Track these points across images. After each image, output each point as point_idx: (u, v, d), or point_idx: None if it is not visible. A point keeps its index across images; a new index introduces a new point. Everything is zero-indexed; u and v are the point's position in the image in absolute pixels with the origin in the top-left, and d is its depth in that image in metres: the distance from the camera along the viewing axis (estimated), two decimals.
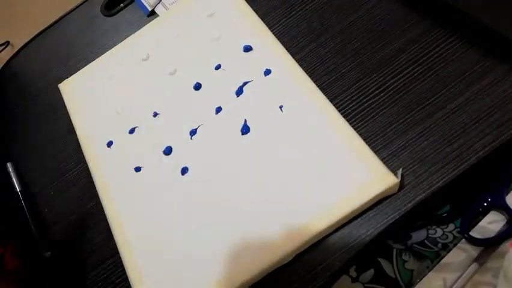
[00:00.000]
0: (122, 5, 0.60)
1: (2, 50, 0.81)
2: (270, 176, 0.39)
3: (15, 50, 0.66)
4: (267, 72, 0.44)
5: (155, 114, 0.48)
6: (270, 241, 0.37)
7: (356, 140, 0.38)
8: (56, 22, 0.64)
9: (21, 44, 0.66)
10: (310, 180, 0.38)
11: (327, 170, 0.38)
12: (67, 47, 0.61)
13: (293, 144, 0.40)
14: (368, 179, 0.36)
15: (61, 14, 0.65)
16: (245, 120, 0.43)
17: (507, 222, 0.37)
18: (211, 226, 0.40)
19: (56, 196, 0.50)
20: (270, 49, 0.45)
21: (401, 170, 0.36)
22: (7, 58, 0.66)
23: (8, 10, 0.90)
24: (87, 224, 0.46)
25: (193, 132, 0.45)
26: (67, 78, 0.56)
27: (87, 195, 0.48)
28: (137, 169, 0.46)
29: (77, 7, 0.64)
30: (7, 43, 0.82)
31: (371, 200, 0.36)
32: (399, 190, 0.36)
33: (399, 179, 0.35)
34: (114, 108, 0.50)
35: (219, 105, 0.45)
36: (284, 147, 0.40)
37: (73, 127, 0.52)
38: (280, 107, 0.42)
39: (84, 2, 0.64)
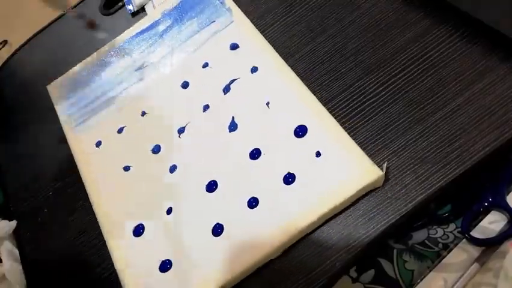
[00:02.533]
0: (120, 4, 0.59)
1: (0, 49, 0.81)
2: (257, 172, 0.40)
3: (14, 48, 0.66)
4: (254, 69, 0.44)
5: (143, 114, 0.48)
6: (257, 237, 0.37)
7: (341, 134, 0.38)
8: (54, 21, 0.64)
9: (20, 43, 0.65)
10: (297, 175, 0.38)
11: (313, 164, 0.38)
12: (65, 45, 0.60)
13: (279, 140, 0.40)
14: (353, 172, 0.36)
15: (60, 13, 0.64)
16: (232, 118, 0.43)
17: (508, 222, 0.37)
18: (200, 223, 0.40)
19: (55, 196, 0.49)
20: (257, 47, 0.46)
21: (386, 163, 0.36)
22: (5, 57, 0.66)
23: (6, 9, 0.89)
24: (81, 224, 0.46)
25: (181, 131, 0.45)
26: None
27: (82, 194, 0.47)
28: (126, 168, 0.46)
29: (75, 6, 0.64)
30: (5, 42, 0.81)
31: (356, 193, 0.36)
32: (400, 190, 0.36)
33: (384, 172, 0.35)
34: (102, 107, 0.51)
35: (206, 103, 0.45)
36: (271, 144, 0.40)
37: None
38: (267, 103, 0.42)
39: (82, 0, 0.63)
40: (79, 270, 0.44)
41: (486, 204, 0.38)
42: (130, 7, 0.57)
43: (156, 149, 0.45)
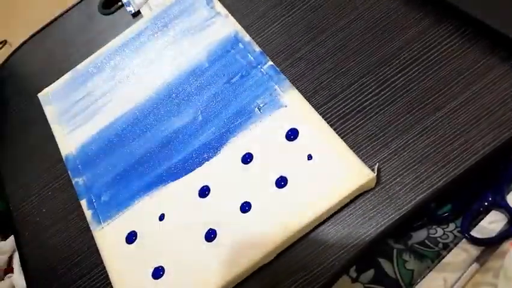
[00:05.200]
0: (119, 3, 0.59)
1: (0, 49, 0.81)
2: (249, 176, 0.39)
3: (13, 48, 0.66)
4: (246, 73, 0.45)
5: (135, 119, 0.48)
6: (250, 241, 0.37)
7: (332, 137, 0.38)
8: (54, 20, 0.64)
9: (19, 43, 0.65)
10: (289, 179, 0.38)
11: (305, 167, 0.38)
12: (65, 45, 0.60)
13: (271, 143, 0.40)
14: (344, 174, 0.36)
15: (59, 12, 0.64)
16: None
17: (508, 222, 0.37)
18: (192, 229, 0.39)
19: (53, 196, 0.49)
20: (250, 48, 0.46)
21: (377, 164, 0.36)
22: (5, 57, 0.65)
23: (6, 8, 0.89)
24: (79, 226, 0.46)
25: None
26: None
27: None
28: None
29: (74, 5, 0.64)
30: (5, 42, 0.81)
31: (348, 195, 0.36)
32: (400, 189, 0.36)
33: (376, 173, 0.35)
34: (94, 115, 0.51)
35: (199, 108, 0.45)
36: (262, 147, 0.40)
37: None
38: (258, 107, 0.42)
39: (82, 0, 0.63)
40: (74, 274, 0.44)
41: (486, 203, 0.38)
42: (130, 8, 0.57)
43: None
